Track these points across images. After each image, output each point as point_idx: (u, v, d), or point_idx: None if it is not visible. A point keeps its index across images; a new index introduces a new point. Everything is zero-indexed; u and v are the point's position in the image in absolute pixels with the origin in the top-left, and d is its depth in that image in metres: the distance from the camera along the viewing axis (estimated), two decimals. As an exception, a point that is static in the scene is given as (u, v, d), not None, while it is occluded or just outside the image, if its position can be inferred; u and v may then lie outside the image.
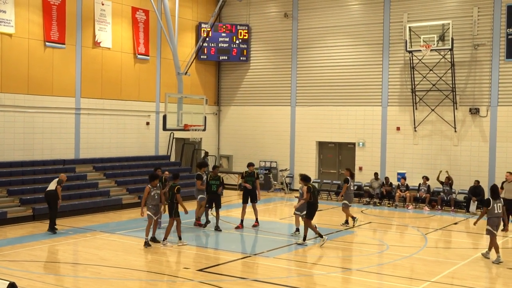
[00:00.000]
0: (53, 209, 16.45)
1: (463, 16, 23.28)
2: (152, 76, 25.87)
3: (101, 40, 23.42)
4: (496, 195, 13.99)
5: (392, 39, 24.81)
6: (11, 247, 14.56)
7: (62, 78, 22.15)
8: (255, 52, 28.55)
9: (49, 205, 16.54)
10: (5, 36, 20.22)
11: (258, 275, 12.44)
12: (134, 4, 24.78)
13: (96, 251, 14.30)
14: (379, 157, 25.04)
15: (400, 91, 24.67)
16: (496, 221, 13.81)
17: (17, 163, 20.44)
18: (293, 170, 27.21)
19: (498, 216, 13.86)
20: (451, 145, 23.52)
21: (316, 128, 26.67)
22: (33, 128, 21.20)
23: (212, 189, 16.89)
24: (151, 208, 14.87)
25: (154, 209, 14.92)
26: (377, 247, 15.59)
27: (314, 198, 15.27)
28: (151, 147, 25.97)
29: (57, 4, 21.72)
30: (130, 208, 21.05)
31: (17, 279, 9.95)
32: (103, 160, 23.39)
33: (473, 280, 12.11)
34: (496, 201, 13.86)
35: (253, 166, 17.86)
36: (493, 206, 13.77)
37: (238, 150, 28.95)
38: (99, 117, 23.56)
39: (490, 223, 13.77)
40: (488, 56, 22.82)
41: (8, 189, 18.94)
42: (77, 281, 11.71)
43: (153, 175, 15.23)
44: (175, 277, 11.98)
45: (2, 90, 20.26)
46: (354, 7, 25.91)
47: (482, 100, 23.01)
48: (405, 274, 12.58)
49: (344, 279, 12.10)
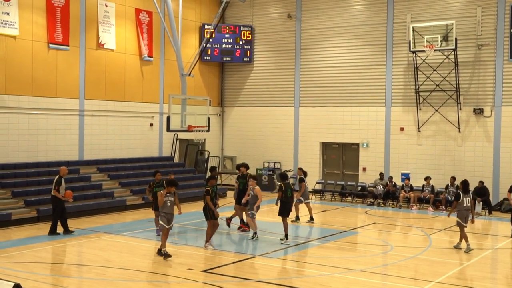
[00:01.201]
0: (53, 212, 16.41)
1: (467, 16, 23.24)
2: (155, 77, 25.91)
3: (104, 42, 23.46)
4: (466, 190, 15.08)
5: (395, 40, 24.79)
6: (15, 248, 14.59)
7: (66, 79, 22.20)
8: (258, 53, 28.56)
9: (52, 209, 16.53)
10: (9, 38, 20.27)
11: (262, 276, 12.43)
12: (137, 6, 24.82)
13: (101, 253, 14.32)
14: (383, 157, 25.01)
15: (403, 92, 24.65)
16: (465, 214, 14.97)
17: (22, 165, 20.49)
18: (296, 170, 27.16)
19: (467, 209, 15.02)
20: (455, 145, 23.48)
21: (320, 129, 26.66)
22: (37, 129, 21.25)
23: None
24: (163, 216, 13.77)
25: (167, 218, 13.78)
26: (381, 248, 15.58)
27: (286, 197, 15.75)
28: (155, 148, 26.00)
29: (61, 6, 21.77)
30: (134, 209, 21.08)
31: (22, 281, 9.97)
32: (107, 162, 23.43)
33: (478, 281, 12.08)
34: (465, 195, 14.99)
35: (245, 167, 17.46)
36: (462, 200, 14.91)
37: (241, 151, 28.95)
38: (103, 119, 23.60)
39: (459, 216, 14.94)
40: (492, 56, 22.78)
41: (12, 191, 18.98)
42: (81, 282, 11.73)
43: (171, 181, 14.16)
44: (179, 278, 11.98)
45: (7, 92, 20.32)
46: (357, 8, 25.90)
47: (486, 100, 22.97)
48: (409, 275, 12.56)
49: (348, 279, 12.09)
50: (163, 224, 13.78)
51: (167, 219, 13.75)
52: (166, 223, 13.75)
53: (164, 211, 13.75)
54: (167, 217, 13.74)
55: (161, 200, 13.65)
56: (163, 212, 13.76)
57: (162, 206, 13.70)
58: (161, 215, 13.80)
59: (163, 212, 13.77)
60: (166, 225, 13.76)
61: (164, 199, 13.66)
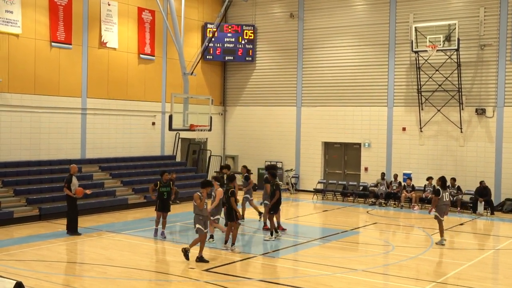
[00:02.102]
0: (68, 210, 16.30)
1: (470, 17, 23.22)
2: (158, 76, 25.93)
3: (107, 41, 23.49)
4: (444, 186, 15.75)
5: (398, 40, 24.77)
6: (17, 246, 14.62)
7: (69, 78, 22.23)
8: (260, 52, 28.56)
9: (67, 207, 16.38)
10: (12, 37, 20.31)
11: (264, 275, 12.45)
12: (140, 5, 24.84)
13: (103, 251, 14.35)
14: (385, 157, 25.01)
15: (406, 92, 24.64)
16: (443, 208, 15.69)
17: (24, 163, 20.53)
18: (298, 170, 27.21)
19: (446, 204, 15.77)
20: (457, 145, 23.46)
21: (322, 128, 26.66)
22: (40, 128, 21.29)
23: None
24: (200, 219, 13.18)
25: (204, 221, 13.23)
26: (383, 248, 15.58)
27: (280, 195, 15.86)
28: (157, 147, 26.02)
29: (64, 4, 21.79)
30: (136, 208, 21.11)
31: (24, 279, 9.98)
32: (109, 160, 23.46)
33: (479, 281, 12.08)
34: (444, 191, 15.68)
35: (228, 169, 17.59)
36: (442, 195, 15.58)
37: (243, 150, 28.97)
38: (105, 117, 23.62)
39: (438, 210, 15.61)
40: (494, 57, 22.76)
41: (14, 189, 19.02)
42: (83, 280, 11.75)
43: (206, 181, 13.60)
44: (181, 277, 12.00)
45: (9, 90, 20.35)
46: (359, 8, 25.89)
47: (488, 101, 22.95)
48: (410, 275, 12.56)
49: (349, 279, 12.10)
50: (201, 228, 13.12)
51: (204, 222, 13.22)
52: (204, 226, 13.19)
53: (203, 214, 13.16)
54: (204, 220, 13.22)
55: (202, 204, 13.03)
56: (202, 216, 13.16)
57: (201, 209, 13.10)
58: (199, 219, 13.15)
59: (201, 215, 13.16)
60: (204, 229, 13.21)
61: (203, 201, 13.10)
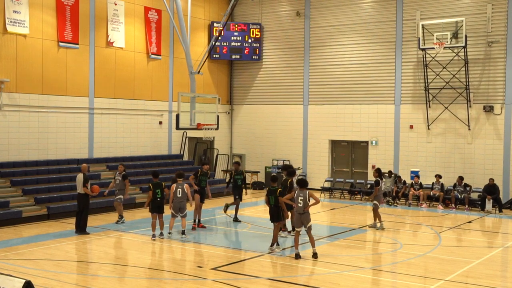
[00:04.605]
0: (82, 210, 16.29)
1: (477, 13, 23.11)
2: (164, 75, 25.97)
3: (114, 40, 23.54)
4: (381, 176, 17.67)
5: (405, 37, 24.69)
6: (26, 245, 14.70)
7: (76, 78, 22.30)
8: (267, 50, 28.55)
9: (79, 207, 16.34)
10: (19, 37, 20.39)
11: (272, 274, 12.45)
12: (146, 4, 24.88)
13: (110, 250, 14.39)
14: (392, 155, 24.94)
15: (413, 89, 24.56)
16: (381, 197, 17.99)
17: (32, 163, 20.62)
18: (305, 168, 27.19)
19: (383, 193, 18.96)
20: (465, 143, 23.36)
21: (329, 126, 26.62)
22: (47, 128, 21.37)
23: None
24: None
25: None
26: (391, 246, 15.54)
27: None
28: (164, 146, 26.07)
29: (71, 4, 21.86)
30: (143, 207, 21.08)
31: (32, 278, 10.04)
32: (116, 160, 23.51)
33: (488, 279, 12.03)
34: (382, 182, 17.84)
35: (207, 165, 17.75)
36: (381, 186, 17.53)
37: (250, 149, 28.98)
38: (112, 117, 23.69)
39: (377, 199, 17.37)
40: (502, 53, 22.64)
41: (23, 189, 19.11)
42: (91, 279, 11.79)
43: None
44: (189, 276, 12.02)
45: (17, 90, 20.44)
46: (366, 5, 25.82)
47: (496, 98, 22.84)
48: (419, 273, 12.53)
49: (358, 277, 12.08)
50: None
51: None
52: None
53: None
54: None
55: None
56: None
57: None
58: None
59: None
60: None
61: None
